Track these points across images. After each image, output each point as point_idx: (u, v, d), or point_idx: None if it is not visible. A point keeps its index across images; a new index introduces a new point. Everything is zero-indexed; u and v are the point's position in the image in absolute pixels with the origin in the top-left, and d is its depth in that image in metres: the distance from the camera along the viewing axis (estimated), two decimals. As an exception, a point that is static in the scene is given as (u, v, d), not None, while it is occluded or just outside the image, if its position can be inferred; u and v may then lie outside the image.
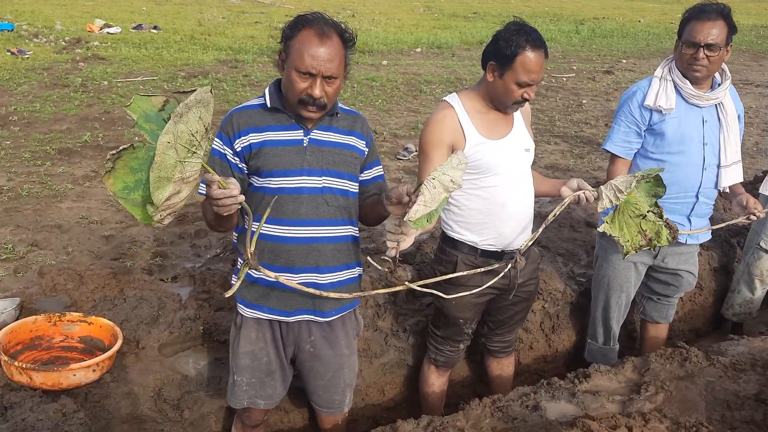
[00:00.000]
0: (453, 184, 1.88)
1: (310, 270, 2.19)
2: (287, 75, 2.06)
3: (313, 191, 2.15)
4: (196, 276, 3.44)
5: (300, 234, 2.16)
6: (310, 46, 1.99)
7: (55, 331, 2.75)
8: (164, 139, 1.55)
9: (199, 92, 1.59)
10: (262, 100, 2.17)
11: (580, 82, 10.12)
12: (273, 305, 2.24)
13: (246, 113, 2.15)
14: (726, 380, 2.66)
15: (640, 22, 18.07)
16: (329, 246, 2.20)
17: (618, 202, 2.25)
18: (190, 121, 1.58)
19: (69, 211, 4.37)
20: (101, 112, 6.91)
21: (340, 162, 2.19)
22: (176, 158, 1.58)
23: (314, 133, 2.16)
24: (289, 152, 2.12)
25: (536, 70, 2.37)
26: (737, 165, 3.03)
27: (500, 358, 3.00)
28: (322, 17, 2.06)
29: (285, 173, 2.12)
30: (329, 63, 2.00)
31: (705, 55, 2.76)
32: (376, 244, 3.89)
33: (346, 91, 8.54)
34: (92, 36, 11.48)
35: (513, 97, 2.42)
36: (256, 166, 2.13)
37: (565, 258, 3.94)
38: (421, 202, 1.82)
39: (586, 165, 6.01)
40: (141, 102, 1.68)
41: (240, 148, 2.13)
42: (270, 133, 2.12)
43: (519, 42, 2.34)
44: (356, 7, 17.93)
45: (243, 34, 12.62)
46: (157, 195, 1.59)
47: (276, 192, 2.12)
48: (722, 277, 4.20)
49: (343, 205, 2.21)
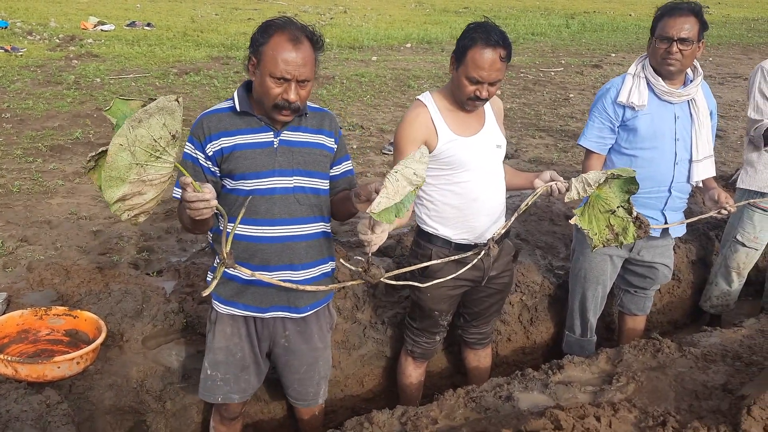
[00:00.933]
0: (416, 177, 1.91)
1: (284, 268, 2.25)
2: (261, 81, 2.08)
3: (285, 191, 2.20)
4: (181, 270, 3.50)
5: (274, 233, 2.22)
6: (283, 51, 2.03)
7: (41, 324, 2.80)
8: (116, 141, 1.60)
9: (161, 100, 1.64)
10: (231, 104, 2.20)
11: (568, 76, 10.18)
12: (248, 302, 2.30)
13: (216, 117, 2.19)
14: (696, 371, 2.73)
15: (630, 15, 18.12)
16: (302, 243, 2.26)
17: (585, 194, 2.31)
18: (152, 127, 1.61)
19: (59, 207, 4.42)
20: (93, 109, 6.95)
21: (311, 161, 2.24)
22: (131, 160, 1.62)
23: (284, 134, 2.21)
24: (260, 155, 2.17)
25: (486, 68, 2.38)
26: (709, 160, 3.09)
27: (477, 350, 3.07)
28: (292, 22, 2.10)
29: (257, 175, 2.17)
30: (303, 68, 2.05)
31: (678, 49, 2.83)
32: (357, 238, 3.95)
33: (335, 87, 8.59)
34: (86, 33, 11.50)
35: (465, 92, 2.46)
36: (229, 169, 2.17)
37: (544, 251, 4.01)
38: (384, 194, 1.86)
39: (570, 159, 6.08)
40: (120, 105, 1.73)
41: (212, 152, 2.17)
42: (240, 136, 2.17)
43: (473, 37, 2.40)
44: (348, 3, 17.95)
45: (235, 30, 12.64)
46: (109, 193, 1.64)
47: (249, 194, 2.17)
48: (700, 269, 4.27)
49: (315, 203, 2.27)
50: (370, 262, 2.00)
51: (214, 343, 2.37)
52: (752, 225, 3.75)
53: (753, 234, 3.77)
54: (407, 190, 1.91)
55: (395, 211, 1.94)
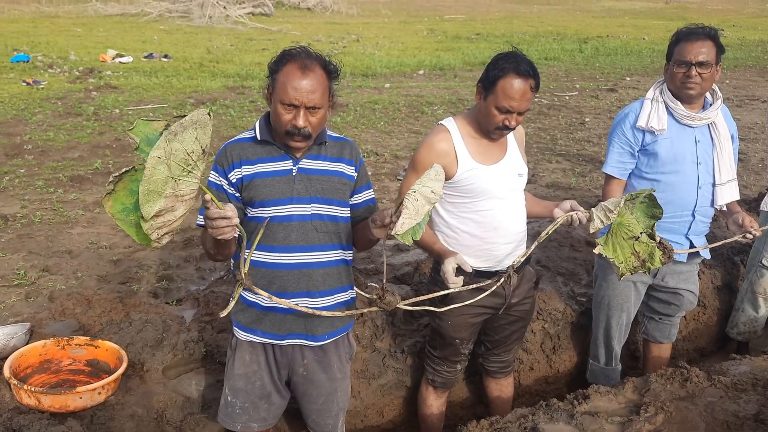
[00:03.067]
0: (434, 195, 1.93)
1: (302, 294, 2.25)
2: (273, 107, 2.14)
3: (302, 218, 2.22)
4: (200, 298, 3.50)
5: (291, 260, 2.23)
6: (292, 78, 2.08)
7: (63, 354, 2.81)
8: (155, 153, 1.61)
9: (195, 113, 1.66)
10: (252, 133, 2.26)
11: (583, 101, 10.18)
12: (266, 329, 2.31)
13: (238, 146, 2.24)
14: (726, 400, 2.67)
15: (644, 39, 18.14)
16: (320, 271, 2.26)
17: (609, 222, 2.29)
18: (185, 141, 1.64)
19: (79, 237, 4.46)
20: (112, 139, 7.05)
21: (329, 189, 2.26)
22: (168, 174, 1.63)
23: (303, 162, 2.24)
24: (279, 182, 2.21)
25: (516, 98, 2.40)
26: (732, 183, 3.06)
27: (498, 379, 3.02)
28: (306, 51, 2.15)
29: (276, 203, 2.20)
30: (311, 94, 2.09)
31: (697, 72, 2.83)
32: (375, 265, 3.94)
33: (349, 115, 8.65)
34: (105, 66, 11.72)
35: (494, 121, 2.47)
36: (249, 197, 2.22)
37: (566, 277, 3.96)
38: (406, 215, 1.87)
39: (588, 183, 6.05)
40: (143, 126, 1.75)
41: (234, 180, 2.22)
42: (261, 165, 2.21)
43: (504, 67, 2.40)
44: (360, 32, 18.16)
45: (250, 60, 12.82)
46: (146, 208, 1.64)
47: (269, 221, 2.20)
48: (726, 295, 4.20)
49: (333, 230, 2.28)
50: (385, 289, 1.98)
51: (233, 369, 2.38)
52: (778, 249, 3.69)
53: (779, 258, 3.71)
54: (426, 208, 1.93)
55: (412, 233, 1.95)
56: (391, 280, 3.68)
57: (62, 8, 20.83)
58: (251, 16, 20.21)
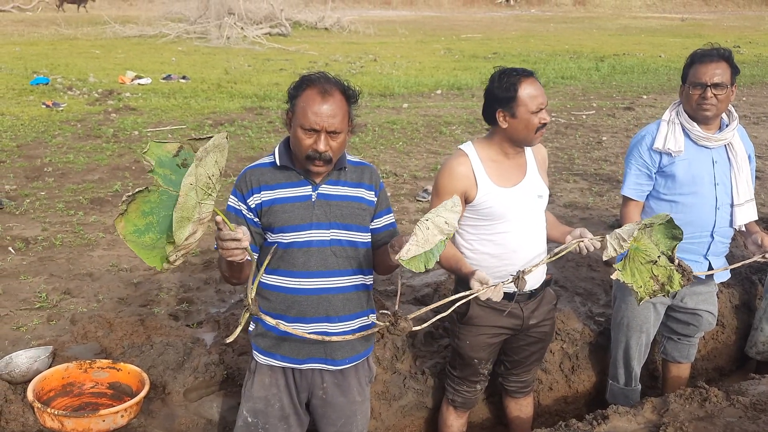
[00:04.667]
0: (448, 227, 1.93)
1: (321, 320, 2.27)
2: (294, 133, 2.18)
3: (321, 244, 2.24)
4: (221, 321, 3.54)
5: (310, 285, 2.25)
6: (313, 104, 2.12)
7: (85, 377, 2.86)
8: (187, 181, 1.64)
9: (216, 138, 1.69)
10: (272, 158, 2.29)
11: (599, 119, 10.17)
12: (285, 353, 2.33)
13: (258, 171, 2.27)
14: (745, 420, 2.65)
15: (660, 57, 18.10)
16: (339, 296, 2.28)
17: (622, 250, 2.29)
18: (207, 165, 1.67)
19: (100, 260, 4.53)
20: (131, 161, 7.16)
21: (348, 214, 2.28)
22: (196, 200, 1.67)
23: (322, 187, 2.26)
24: (298, 208, 2.23)
25: (538, 94, 2.51)
26: (750, 203, 3.06)
27: (518, 399, 3.02)
28: (325, 76, 2.18)
29: (295, 228, 2.23)
30: (332, 119, 2.12)
31: (713, 94, 2.85)
32: (395, 287, 3.96)
33: (367, 135, 8.71)
34: (124, 87, 11.91)
35: (533, 126, 2.53)
36: (268, 222, 2.24)
37: (584, 297, 3.96)
38: (413, 242, 1.88)
39: (606, 203, 6.03)
40: (156, 149, 1.78)
41: (254, 205, 2.24)
42: (280, 190, 2.24)
43: (511, 80, 2.51)
44: (378, 52, 18.31)
45: (268, 81, 12.97)
46: (179, 234, 1.67)
47: (288, 246, 2.23)
48: (744, 314, 4.16)
49: (352, 255, 2.30)
50: (398, 315, 1.98)
51: (252, 391, 2.39)
52: (797, 268, 3.67)
53: (798, 277, 3.68)
54: (438, 239, 1.92)
55: (425, 261, 1.94)
56: (411, 302, 3.70)
57: (81, 30, 21.22)
58: (268, 37, 20.46)
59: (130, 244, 1.74)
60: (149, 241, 1.74)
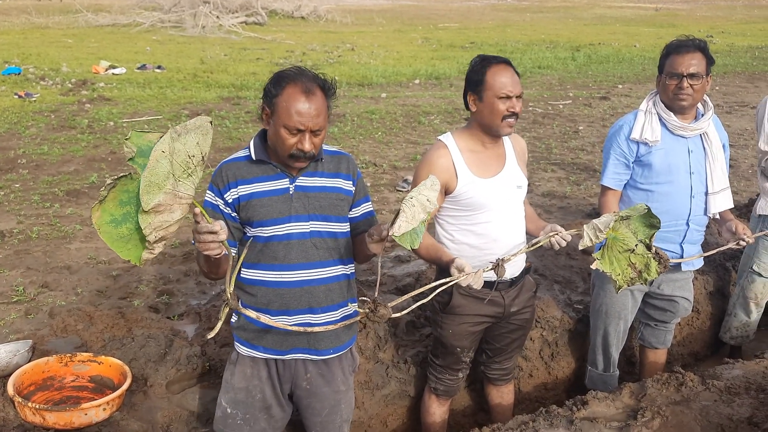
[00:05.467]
0: (429, 204, 1.97)
1: (304, 311, 2.27)
2: (276, 131, 2.14)
3: (301, 236, 2.24)
4: (202, 313, 3.53)
5: (292, 278, 2.25)
6: (296, 103, 2.09)
7: (66, 371, 2.83)
8: (159, 147, 1.62)
9: (199, 119, 1.69)
10: (247, 152, 2.26)
11: (576, 109, 10.26)
12: (268, 344, 2.32)
13: (234, 165, 2.25)
14: (720, 404, 2.72)
15: (635, 47, 18.28)
16: (321, 287, 2.28)
17: (598, 241, 2.33)
18: (188, 143, 1.65)
19: (78, 252, 4.47)
20: (108, 152, 7.07)
21: (327, 206, 2.27)
22: (170, 170, 1.63)
23: (300, 179, 2.25)
24: (276, 201, 2.22)
25: (509, 82, 2.50)
26: (725, 192, 3.12)
27: (500, 386, 3.07)
28: (304, 72, 2.15)
29: (274, 222, 2.22)
30: (316, 118, 2.11)
31: (689, 84, 2.90)
32: (377, 276, 3.97)
33: (346, 125, 8.70)
34: (98, 77, 11.72)
35: (499, 112, 2.52)
36: (247, 217, 2.23)
37: (562, 285, 4.01)
38: (404, 218, 1.90)
39: (583, 192, 6.11)
40: (136, 138, 1.75)
41: (231, 200, 2.22)
42: (258, 184, 2.22)
43: (483, 64, 2.55)
44: (355, 41, 18.24)
45: (245, 70, 12.85)
46: (146, 198, 1.62)
47: (268, 240, 2.22)
48: (719, 300, 4.26)
49: (333, 246, 2.30)
50: (377, 302, 2.00)
51: (233, 382, 2.38)
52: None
53: (770, 264, 3.77)
54: (422, 216, 1.96)
55: (411, 240, 1.97)
56: (393, 291, 3.72)
57: (52, 19, 20.79)
58: (244, 26, 20.25)
59: (104, 236, 1.70)
60: (126, 232, 1.70)
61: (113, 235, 1.70)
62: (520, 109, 2.56)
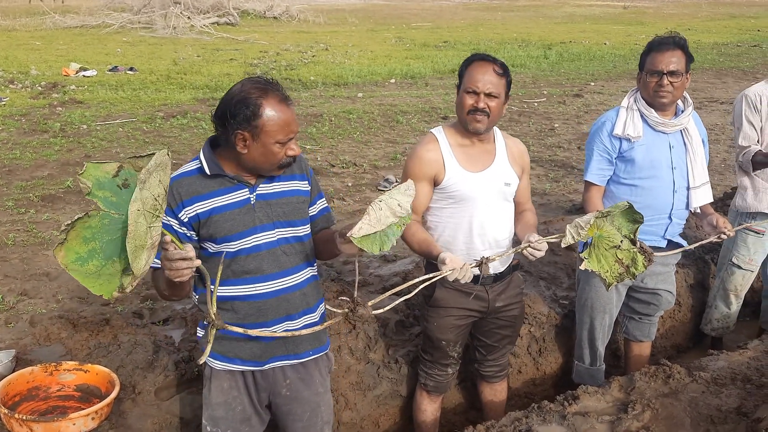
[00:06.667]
0: (401, 209, 1.93)
1: (282, 320, 2.24)
2: (265, 150, 2.06)
3: (270, 245, 2.19)
4: (188, 318, 3.49)
5: (267, 289, 2.20)
6: (282, 115, 2.04)
7: (51, 380, 2.77)
8: (134, 207, 1.54)
9: (157, 156, 1.60)
10: (196, 165, 2.15)
11: (551, 107, 10.36)
12: (246, 357, 2.26)
13: (186, 181, 2.13)
14: (708, 395, 2.76)
15: (605, 44, 18.51)
16: (296, 293, 2.25)
17: (580, 239, 2.35)
18: (152, 186, 1.58)
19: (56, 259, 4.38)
20: (82, 156, 6.94)
21: (290, 211, 2.23)
22: (146, 224, 1.58)
23: (259, 188, 2.18)
24: (239, 214, 2.15)
25: (479, 78, 2.54)
26: (706, 186, 3.18)
27: (493, 384, 3.09)
28: (266, 82, 2.07)
29: (240, 235, 2.15)
30: (296, 122, 2.11)
31: (669, 81, 2.94)
32: (362, 276, 3.96)
33: (324, 125, 8.67)
34: (68, 80, 11.50)
35: (465, 106, 2.57)
36: (209, 233, 2.13)
37: (548, 281, 4.05)
38: (366, 221, 1.86)
39: (562, 188, 6.17)
40: (93, 170, 1.66)
41: (187, 219, 2.12)
42: (216, 199, 2.13)
43: (468, 60, 2.61)
44: (329, 41, 18.17)
45: (219, 71, 12.72)
46: (137, 265, 1.57)
47: (236, 254, 2.15)
48: (699, 293, 4.33)
49: (300, 250, 2.27)
50: (357, 301, 1.96)
51: (211, 398, 2.32)
52: (746, 247, 3.83)
53: (748, 256, 3.85)
54: (390, 220, 1.91)
55: (380, 243, 1.92)
56: (380, 291, 3.71)
57: (19, 21, 20.35)
58: (216, 26, 20.04)
59: (74, 274, 1.63)
60: (93, 269, 1.63)
61: (82, 273, 1.63)
62: (489, 107, 2.55)
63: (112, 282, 1.64)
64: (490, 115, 2.57)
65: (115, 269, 1.64)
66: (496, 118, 2.61)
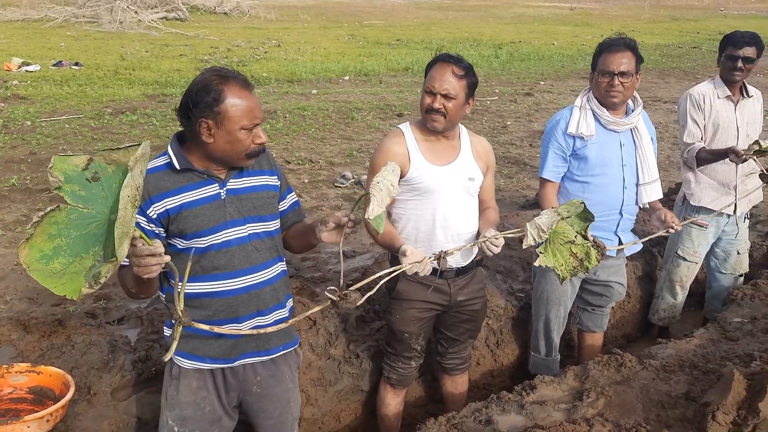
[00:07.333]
0: (393, 189, 2.04)
1: (254, 316, 2.22)
2: (231, 138, 2.04)
3: (240, 241, 2.17)
4: (144, 317, 3.42)
5: (238, 285, 2.18)
6: (245, 100, 2.03)
7: (3, 383, 2.68)
8: (125, 193, 1.51)
9: (144, 146, 1.59)
10: (166, 159, 2.11)
11: (503, 105, 10.54)
12: (215, 354, 2.23)
13: (153, 177, 2.08)
14: (658, 382, 2.87)
15: (554, 44, 18.92)
16: (267, 289, 2.24)
17: (540, 240, 2.42)
18: (136, 177, 1.56)
19: (2, 259, 4.24)
20: (27, 153, 6.71)
21: (261, 206, 2.22)
22: (132, 212, 1.55)
23: (230, 183, 2.16)
24: (209, 209, 2.12)
25: (436, 78, 2.60)
26: (656, 183, 3.29)
27: (454, 376, 3.13)
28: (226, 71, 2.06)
29: (211, 231, 2.12)
30: (260, 109, 2.09)
31: (619, 81, 3.04)
32: (322, 273, 3.96)
33: (278, 122, 8.60)
34: (10, 75, 11.10)
35: (423, 105, 2.66)
36: (179, 229, 2.10)
37: (504, 275, 4.13)
38: (375, 202, 1.97)
39: (516, 185, 6.29)
40: (60, 163, 1.61)
41: (155, 215, 2.08)
42: (186, 194, 2.10)
43: (432, 60, 2.68)
44: (281, 37, 18.02)
45: (168, 67, 12.47)
46: (120, 251, 1.53)
47: (206, 250, 2.13)
48: (647, 285, 4.48)
49: (271, 245, 2.25)
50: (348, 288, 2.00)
51: (178, 398, 2.27)
52: (691, 240, 3.98)
53: (692, 249, 4.00)
54: (388, 200, 2.01)
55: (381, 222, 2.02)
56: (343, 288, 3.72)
57: (-45, 14, 19.53)
58: (165, 21, 19.62)
59: (35, 274, 1.57)
60: (59, 267, 1.57)
61: (44, 272, 1.58)
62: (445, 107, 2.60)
63: (76, 280, 1.59)
64: (447, 116, 2.61)
65: (83, 266, 1.59)
66: (454, 118, 2.65)
